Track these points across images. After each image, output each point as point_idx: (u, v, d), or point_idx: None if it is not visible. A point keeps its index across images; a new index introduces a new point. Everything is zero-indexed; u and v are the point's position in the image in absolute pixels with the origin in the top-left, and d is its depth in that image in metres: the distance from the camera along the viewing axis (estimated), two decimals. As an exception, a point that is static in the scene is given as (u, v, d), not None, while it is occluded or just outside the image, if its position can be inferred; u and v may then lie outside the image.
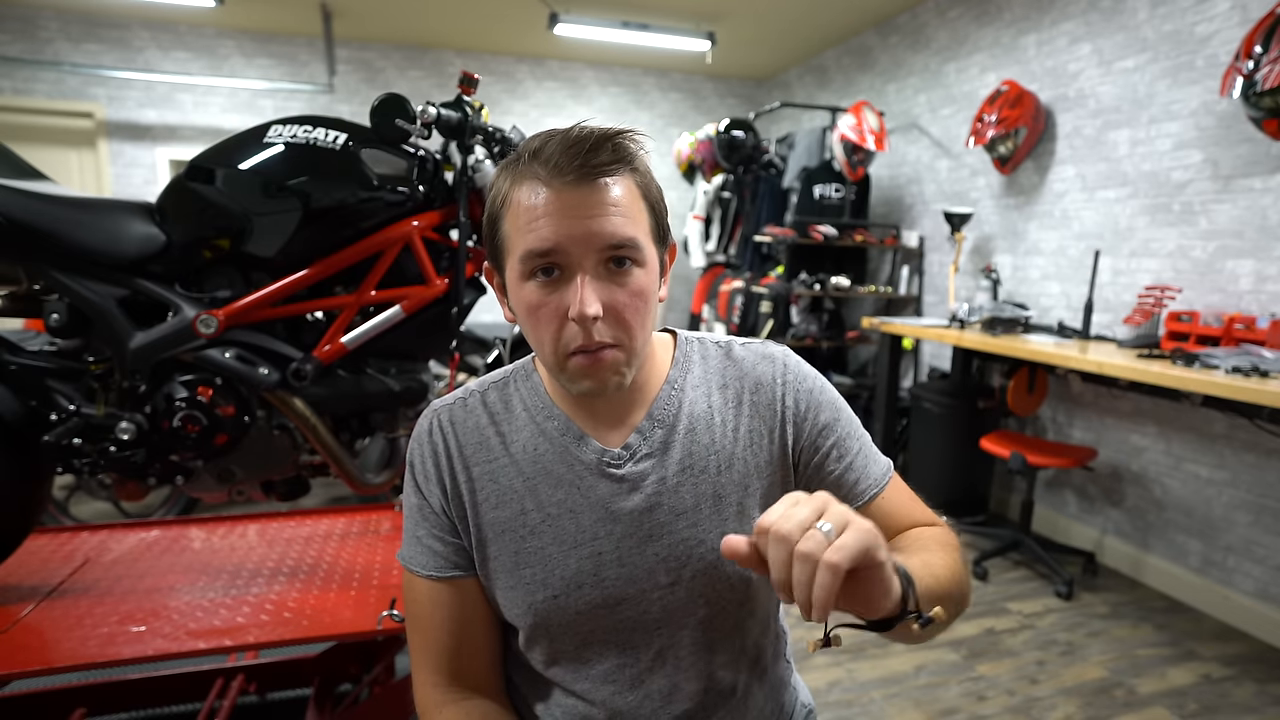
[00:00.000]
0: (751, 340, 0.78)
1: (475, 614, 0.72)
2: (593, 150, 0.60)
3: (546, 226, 0.60)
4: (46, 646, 1.09)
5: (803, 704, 0.84)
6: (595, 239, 0.60)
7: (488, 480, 0.71)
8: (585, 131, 0.61)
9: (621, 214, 0.61)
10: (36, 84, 4.42)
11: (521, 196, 0.62)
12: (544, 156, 0.60)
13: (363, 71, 4.98)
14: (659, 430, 0.71)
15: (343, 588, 1.31)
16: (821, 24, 4.35)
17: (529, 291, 0.63)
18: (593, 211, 0.60)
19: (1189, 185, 2.56)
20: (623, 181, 0.62)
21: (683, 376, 0.74)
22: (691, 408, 0.72)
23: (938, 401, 3.20)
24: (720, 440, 0.71)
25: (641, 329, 0.65)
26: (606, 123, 0.63)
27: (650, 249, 0.65)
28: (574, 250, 0.61)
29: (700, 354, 0.76)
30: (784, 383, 0.73)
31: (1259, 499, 2.36)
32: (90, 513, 3.00)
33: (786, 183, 4.33)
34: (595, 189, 0.60)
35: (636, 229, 0.63)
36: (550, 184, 0.60)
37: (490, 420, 0.73)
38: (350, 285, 1.40)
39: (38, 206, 1.22)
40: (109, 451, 1.29)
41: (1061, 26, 3.07)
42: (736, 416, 0.72)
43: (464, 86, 1.36)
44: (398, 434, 1.53)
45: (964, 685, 2.05)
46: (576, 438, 0.70)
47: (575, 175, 0.60)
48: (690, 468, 0.70)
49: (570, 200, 0.60)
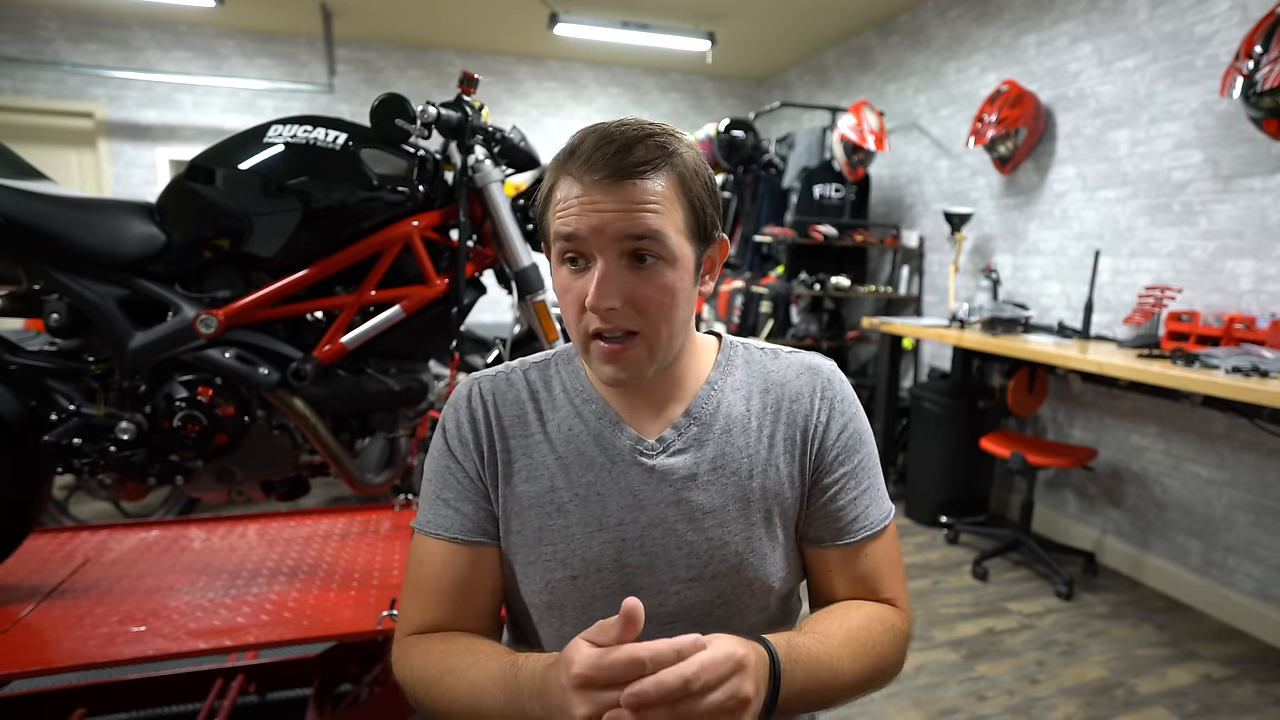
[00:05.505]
0: (798, 350, 0.78)
1: (485, 583, 0.72)
2: (624, 150, 0.61)
3: (571, 216, 0.63)
4: (46, 646, 1.09)
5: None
6: (611, 231, 0.62)
7: (522, 454, 0.72)
8: (620, 131, 0.62)
9: (646, 210, 0.62)
10: (36, 84, 4.42)
11: (560, 188, 0.65)
12: (581, 153, 0.62)
13: (363, 71, 4.98)
14: (694, 427, 0.72)
15: (343, 588, 1.31)
16: (821, 24, 4.35)
17: (561, 276, 0.66)
18: (614, 207, 0.62)
19: (1189, 185, 2.56)
20: (656, 180, 0.63)
21: (724, 378, 0.75)
22: (729, 409, 0.73)
23: (938, 401, 3.20)
24: (755, 445, 0.72)
25: (667, 324, 0.65)
26: (652, 119, 0.65)
27: (683, 246, 0.65)
28: (592, 240, 0.62)
29: (744, 358, 0.77)
30: (822, 399, 0.74)
31: (1259, 499, 2.36)
32: (90, 513, 3.00)
33: (786, 183, 4.33)
34: (624, 187, 0.62)
35: (663, 225, 0.63)
36: (582, 180, 0.62)
37: (530, 396, 0.75)
38: (350, 285, 1.40)
39: (38, 206, 1.22)
40: (109, 451, 1.29)
41: (1061, 26, 3.07)
42: (774, 424, 0.73)
43: (464, 86, 1.36)
44: (398, 434, 1.52)
45: (964, 685, 2.05)
46: (613, 423, 0.72)
47: (606, 173, 0.61)
48: (722, 468, 0.71)
49: (597, 195, 0.62)
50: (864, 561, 0.72)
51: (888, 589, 0.73)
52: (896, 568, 0.75)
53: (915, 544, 3.05)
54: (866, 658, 0.66)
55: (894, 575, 0.74)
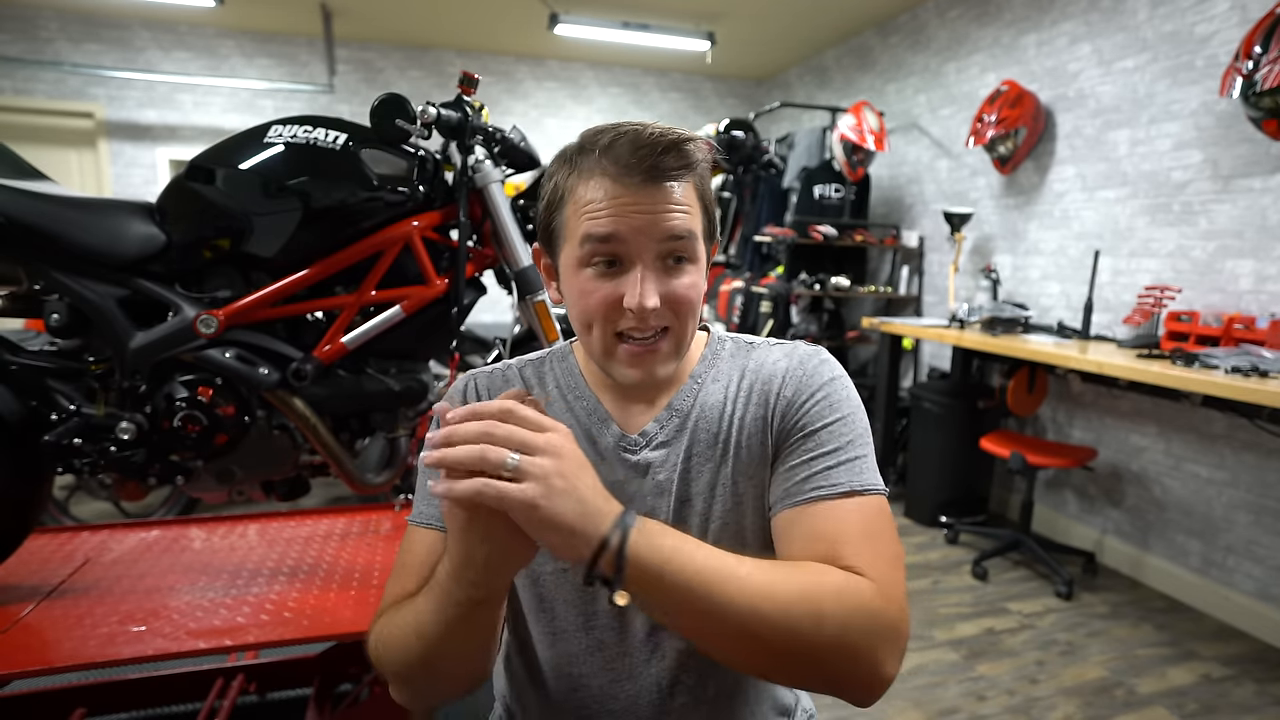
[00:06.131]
0: (788, 342, 0.77)
1: None
2: (663, 154, 0.62)
3: (608, 215, 0.63)
4: (46, 646, 1.09)
5: (804, 709, 0.84)
6: (655, 232, 0.63)
7: None
8: (655, 135, 0.63)
9: (682, 212, 0.64)
10: (36, 84, 4.42)
11: (584, 188, 0.64)
12: (613, 155, 0.62)
13: (363, 71, 4.98)
14: (675, 419, 0.73)
15: (343, 588, 1.31)
16: (821, 24, 4.35)
17: (585, 278, 0.66)
18: (655, 208, 0.63)
19: (1189, 185, 2.56)
20: (686, 182, 0.65)
21: (707, 371, 0.75)
22: (707, 398, 0.73)
23: (938, 401, 3.20)
24: (726, 429, 0.71)
25: (692, 319, 0.69)
26: (671, 123, 0.65)
27: (702, 247, 0.68)
28: (634, 240, 0.63)
29: (731, 351, 0.77)
30: (791, 375, 0.71)
31: (1259, 499, 2.36)
32: (90, 513, 3.00)
33: (786, 183, 4.33)
34: (661, 189, 0.63)
35: (694, 226, 0.66)
36: (619, 180, 0.63)
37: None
38: (350, 285, 1.40)
39: (38, 206, 1.22)
40: (109, 451, 1.29)
41: (1061, 26, 3.07)
42: (745, 407, 0.72)
43: (464, 86, 1.36)
44: (398, 434, 1.52)
45: (964, 685, 2.05)
46: (601, 420, 0.73)
47: (643, 176, 0.62)
48: (698, 455, 0.71)
49: (636, 197, 0.63)
50: (819, 522, 0.62)
51: (851, 555, 0.59)
52: (874, 541, 0.61)
53: (915, 544, 3.05)
54: (782, 580, 0.55)
55: (865, 545, 0.60)
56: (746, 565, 0.55)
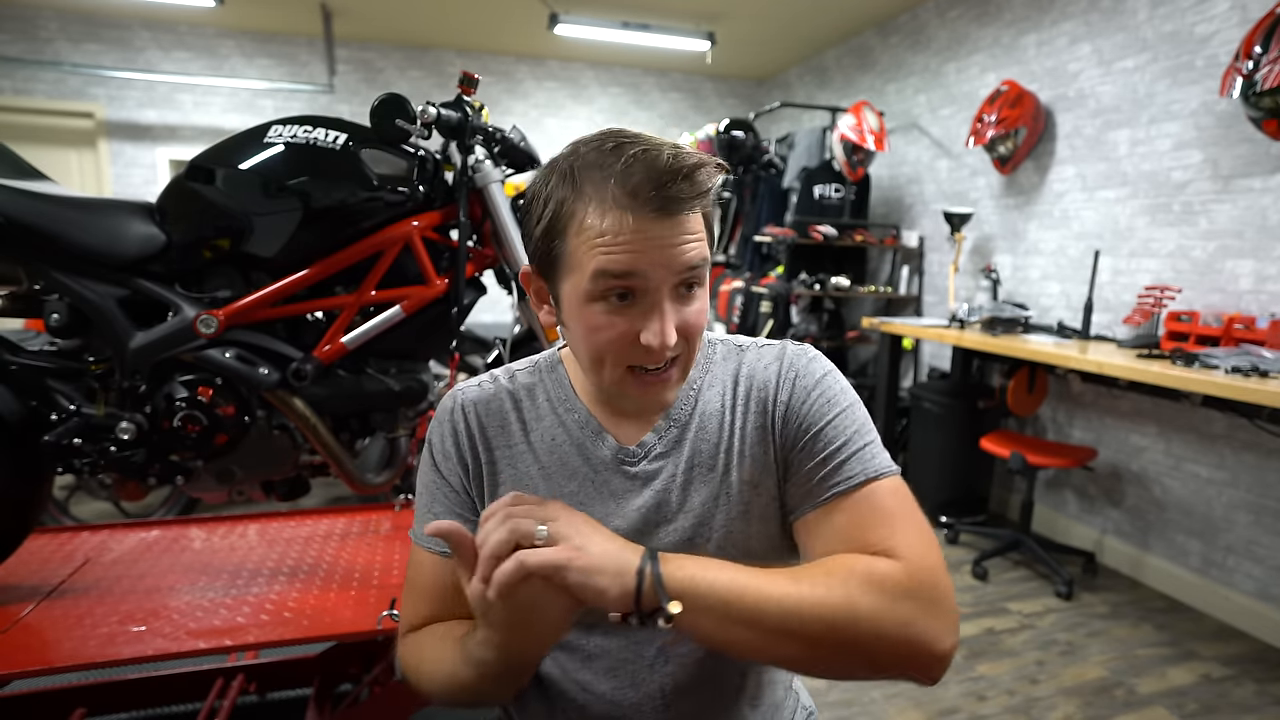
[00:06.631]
0: (775, 342, 0.77)
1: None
2: (681, 183, 0.58)
3: (625, 251, 0.59)
4: (46, 646, 1.09)
5: (804, 707, 0.84)
6: (674, 265, 0.60)
7: (507, 465, 0.73)
8: (669, 163, 0.58)
9: (697, 240, 0.62)
10: (36, 84, 4.42)
11: (595, 217, 0.60)
12: (626, 184, 0.58)
13: (363, 71, 4.98)
14: (673, 429, 0.72)
15: (343, 588, 1.31)
16: (821, 24, 4.35)
17: (595, 313, 0.62)
18: (673, 241, 0.60)
19: (1189, 185, 2.56)
20: (698, 210, 0.62)
21: (702, 377, 0.75)
22: (705, 406, 0.73)
23: (938, 401, 3.20)
24: (727, 439, 0.71)
25: (699, 341, 0.68)
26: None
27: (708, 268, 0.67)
28: (653, 275, 0.60)
29: (722, 355, 0.77)
30: (785, 378, 0.71)
31: (1259, 499, 2.36)
32: (90, 513, 3.00)
33: (786, 183, 4.33)
34: (677, 220, 0.60)
35: (706, 253, 0.64)
36: (633, 210, 0.58)
37: (514, 406, 0.75)
38: (350, 285, 1.40)
39: (38, 206, 1.22)
40: (109, 451, 1.29)
41: (1061, 26, 3.07)
42: (744, 414, 0.72)
43: (464, 86, 1.36)
44: (398, 434, 1.52)
45: (964, 685, 2.05)
46: (595, 433, 0.72)
47: (659, 208, 0.59)
48: (699, 465, 0.71)
49: (653, 230, 0.59)
50: (841, 516, 0.64)
51: (878, 540, 0.61)
52: (896, 521, 0.62)
53: (915, 544, 3.04)
54: (809, 577, 0.58)
55: (889, 527, 0.62)
56: (773, 572, 0.59)
